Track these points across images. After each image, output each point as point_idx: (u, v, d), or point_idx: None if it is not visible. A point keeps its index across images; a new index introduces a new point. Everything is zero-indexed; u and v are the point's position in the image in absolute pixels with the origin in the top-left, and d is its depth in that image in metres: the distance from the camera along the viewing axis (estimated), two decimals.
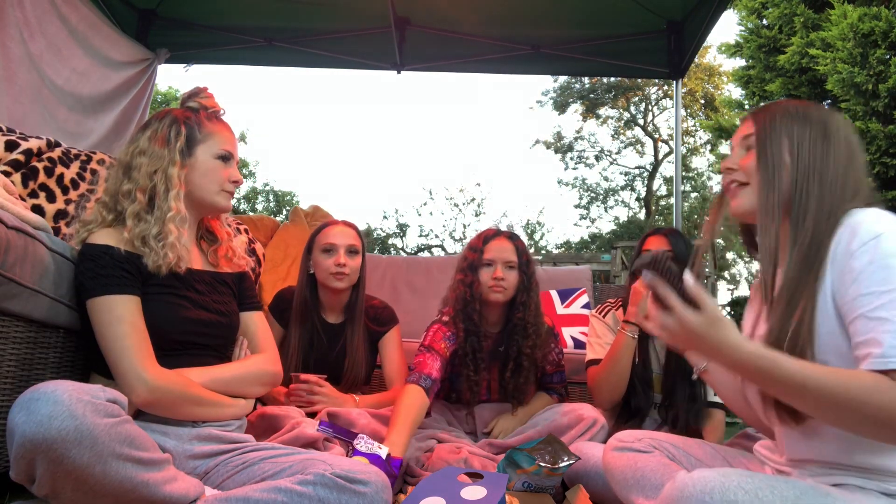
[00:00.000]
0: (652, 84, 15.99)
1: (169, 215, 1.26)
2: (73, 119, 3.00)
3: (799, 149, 1.05)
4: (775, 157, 1.06)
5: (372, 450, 1.41)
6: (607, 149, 17.75)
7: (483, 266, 1.88)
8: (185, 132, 1.32)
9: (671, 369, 1.89)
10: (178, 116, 1.35)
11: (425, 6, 3.46)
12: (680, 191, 3.84)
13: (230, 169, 1.38)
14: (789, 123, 1.07)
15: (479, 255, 1.89)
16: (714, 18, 3.21)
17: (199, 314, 1.31)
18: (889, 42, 4.14)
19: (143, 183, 1.28)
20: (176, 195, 1.28)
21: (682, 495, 0.87)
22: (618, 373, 1.85)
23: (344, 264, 1.90)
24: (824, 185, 1.02)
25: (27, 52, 2.70)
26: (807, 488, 0.88)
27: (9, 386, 1.17)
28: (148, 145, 1.30)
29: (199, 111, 1.39)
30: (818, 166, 1.03)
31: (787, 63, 5.11)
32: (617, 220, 17.49)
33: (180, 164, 1.30)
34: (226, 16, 3.62)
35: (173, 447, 1.18)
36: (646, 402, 1.91)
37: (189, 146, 1.32)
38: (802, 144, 1.05)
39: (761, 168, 1.07)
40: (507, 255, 1.88)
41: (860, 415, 0.85)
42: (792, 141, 1.06)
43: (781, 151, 1.06)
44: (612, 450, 1.26)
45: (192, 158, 1.32)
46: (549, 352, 1.99)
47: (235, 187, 1.39)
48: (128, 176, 1.30)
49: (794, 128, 1.06)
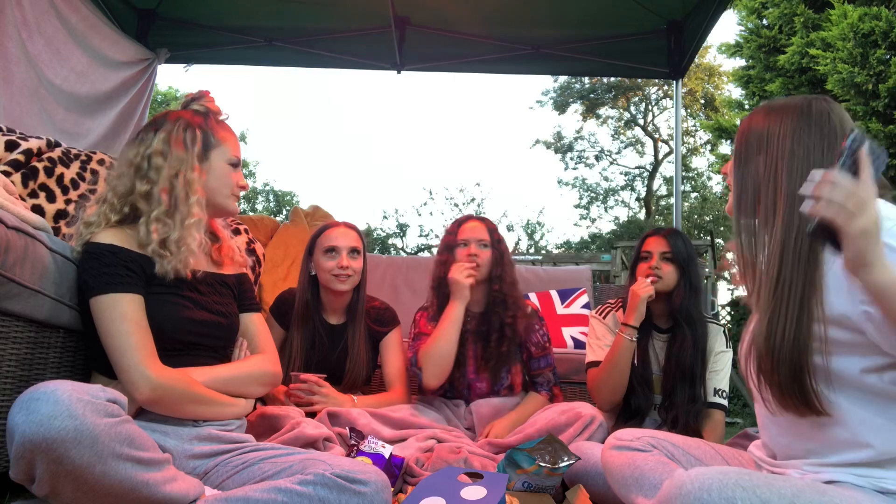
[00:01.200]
0: (652, 84, 15.98)
1: (191, 221, 1.27)
2: (70, 119, 2.99)
3: (767, 142, 1.04)
4: (748, 155, 1.07)
5: (375, 450, 1.41)
6: (607, 149, 17.75)
7: (459, 246, 1.99)
8: (201, 137, 1.33)
9: (671, 370, 1.89)
10: (190, 121, 1.34)
11: (425, 6, 3.46)
12: (680, 191, 3.84)
13: (238, 174, 1.40)
14: (764, 118, 1.07)
15: (453, 237, 2.01)
16: (714, 18, 3.21)
17: (200, 315, 1.31)
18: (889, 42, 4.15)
19: (164, 185, 1.27)
20: (198, 201, 1.29)
21: (681, 493, 0.87)
22: (617, 375, 1.86)
23: (347, 266, 1.91)
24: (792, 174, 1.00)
25: (25, 51, 2.70)
26: (804, 486, 0.88)
27: (9, 386, 1.17)
28: (164, 147, 1.30)
29: (208, 115, 1.39)
30: (786, 154, 1.02)
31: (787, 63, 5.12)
32: (617, 220, 17.49)
33: (199, 169, 1.30)
34: (226, 16, 3.62)
35: (173, 447, 1.18)
36: (646, 402, 1.91)
37: (205, 151, 1.33)
38: (771, 138, 1.04)
39: (735, 167, 1.09)
40: (480, 233, 1.99)
41: None
42: (763, 135, 1.06)
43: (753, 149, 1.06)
44: (611, 448, 1.26)
45: (208, 163, 1.33)
46: (533, 331, 2.03)
47: (242, 192, 1.42)
48: (142, 178, 1.28)
49: (767, 121, 1.06)
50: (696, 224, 15.20)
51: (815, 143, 1.01)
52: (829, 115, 1.02)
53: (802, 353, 0.94)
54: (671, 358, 1.89)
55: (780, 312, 0.96)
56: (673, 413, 1.86)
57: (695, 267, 1.90)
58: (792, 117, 1.04)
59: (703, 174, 16.58)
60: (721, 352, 1.94)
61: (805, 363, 0.94)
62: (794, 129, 1.03)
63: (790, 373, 0.95)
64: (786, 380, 0.95)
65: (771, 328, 0.97)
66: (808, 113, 1.03)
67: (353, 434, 1.51)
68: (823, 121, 1.02)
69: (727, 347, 1.95)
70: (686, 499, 0.86)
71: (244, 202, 17.42)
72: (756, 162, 1.06)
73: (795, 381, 0.95)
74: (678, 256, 1.89)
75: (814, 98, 1.06)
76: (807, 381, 0.94)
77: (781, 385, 0.96)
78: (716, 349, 1.94)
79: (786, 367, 0.95)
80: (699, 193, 16.39)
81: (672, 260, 1.90)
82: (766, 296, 0.99)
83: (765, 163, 1.04)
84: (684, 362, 1.86)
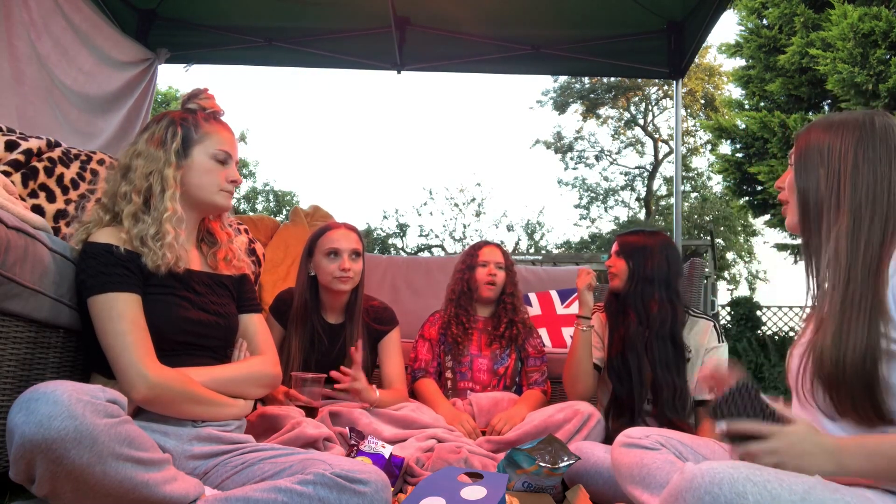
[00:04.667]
0: (652, 84, 15.99)
1: (165, 216, 1.27)
2: (84, 119, 3.00)
3: (829, 156, 1.05)
4: (809, 170, 1.07)
5: (375, 450, 1.41)
6: (607, 149, 17.77)
7: (479, 266, 2.28)
8: (182, 133, 1.33)
9: (654, 362, 1.87)
10: (174, 118, 1.35)
11: (425, 6, 3.46)
12: (680, 191, 3.83)
13: (228, 169, 1.38)
14: (824, 133, 1.07)
15: (474, 258, 2.30)
16: (714, 18, 3.21)
17: (197, 315, 1.31)
18: (889, 42, 4.15)
19: (138, 184, 1.28)
20: (172, 195, 1.28)
21: (692, 486, 0.87)
22: (576, 366, 1.93)
23: (349, 269, 1.93)
24: (857, 187, 1.01)
25: (35, 52, 2.70)
26: (815, 483, 0.88)
27: (9, 386, 1.17)
28: (144, 147, 1.31)
29: (196, 112, 1.39)
30: (849, 169, 1.02)
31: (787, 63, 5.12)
32: (617, 220, 17.50)
33: (175, 165, 1.30)
34: (226, 16, 3.62)
35: (173, 447, 1.18)
36: (638, 396, 1.89)
37: (185, 147, 1.33)
38: (833, 152, 1.05)
39: (796, 182, 1.09)
40: (497, 257, 2.31)
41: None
42: (823, 149, 1.06)
43: (815, 163, 1.06)
44: (621, 446, 1.28)
45: (189, 159, 1.33)
46: (532, 335, 2.30)
47: (234, 187, 1.40)
48: (125, 178, 1.30)
49: (827, 135, 1.07)
50: (696, 224, 15.21)
51: (880, 156, 1.02)
52: (893, 129, 1.04)
53: (874, 365, 0.95)
54: (654, 350, 1.87)
55: (850, 325, 0.97)
56: (659, 406, 1.85)
57: (642, 259, 1.93)
58: (854, 132, 1.05)
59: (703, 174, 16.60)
60: (713, 348, 1.92)
61: (875, 374, 0.95)
62: (857, 142, 1.04)
63: (862, 384, 0.95)
64: (858, 391, 0.96)
65: (840, 340, 0.97)
66: (872, 128, 1.05)
67: (353, 434, 1.51)
68: (889, 135, 1.04)
69: (720, 342, 1.94)
70: (696, 492, 0.86)
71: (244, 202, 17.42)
72: (818, 176, 1.06)
73: (867, 391, 0.95)
74: (625, 250, 1.97)
75: (875, 113, 1.07)
76: (878, 392, 0.95)
77: (853, 395, 0.97)
78: (706, 345, 1.92)
79: (858, 378, 0.95)
80: (699, 193, 16.40)
81: (619, 253, 1.99)
82: (833, 309, 1.00)
83: (826, 178, 1.05)
84: (667, 354, 1.85)
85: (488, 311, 2.31)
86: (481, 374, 2.20)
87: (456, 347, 2.21)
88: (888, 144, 1.02)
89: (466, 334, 2.23)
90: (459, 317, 2.23)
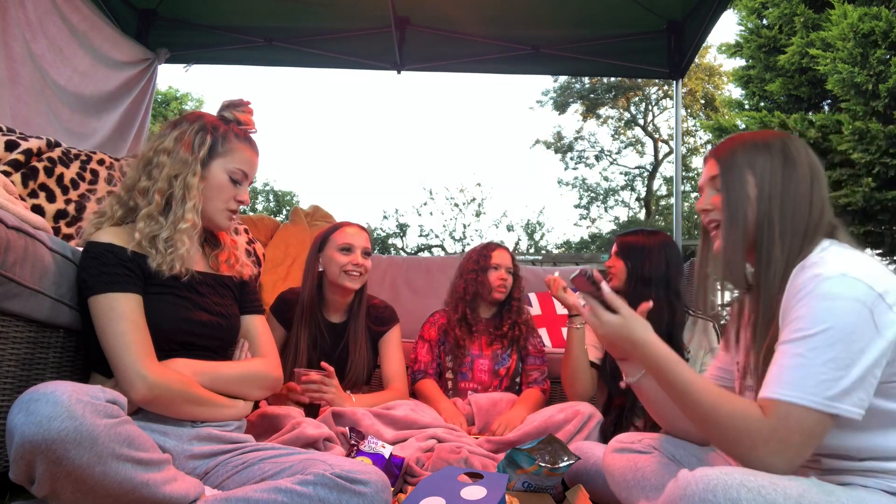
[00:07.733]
0: (652, 84, 15.99)
1: (183, 226, 1.26)
2: (76, 119, 2.99)
3: (761, 180, 1.08)
4: (739, 192, 1.09)
5: (375, 450, 1.41)
6: (607, 149, 17.77)
7: (491, 269, 2.28)
8: (210, 142, 1.31)
9: None
10: (207, 124, 1.33)
11: (425, 6, 3.46)
12: (680, 191, 3.83)
13: (239, 189, 1.37)
14: (751, 156, 1.10)
15: (487, 260, 2.30)
16: (714, 18, 3.21)
17: (199, 315, 1.31)
18: (889, 42, 4.15)
19: (162, 185, 1.27)
20: (193, 207, 1.27)
21: (686, 493, 0.87)
22: (572, 365, 1.95)
23: (361, 264, 1.96)
24: (785, 212, 1.06)
25: (29, 52, 2.70)
26: (810, 485, 0.88)
27: (9, 386, 1.17)
28: (173, 146, 1.29)
29: (230, 123, 1.38)
30: (781, 193, 1.06)
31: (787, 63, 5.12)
32: (617, 220, 17.51)
33: (200, 175, 1.29)
34: (226, 16, 3.61)
35: (173, 447, 1.18)
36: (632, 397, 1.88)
37: (209, 157, 1.32)
38: (764, 176, 1.08)
39: (725, 206, 1.11)
40: (508, 262, 2.32)
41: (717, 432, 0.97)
42: (755, 173, 1.09)
43: (745, 186, 1.09)
44: (612, 451, 1.27)
45: (207, 170, 1.32)
46: (534, 335, 2.33)
47: (239, 207, 1.39)
48: (147, 173, 1.28)
49: (756, 159, 1.10)
50: (696, 224, 15.18)
51: (800, 177, 1.08)
52: (809, 151, 1.11)
53: None
54: None
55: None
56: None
57: (640, 259, 1.94)
58: (777, 155, 1.10)
59: None
60: (714, 349, 1.92)
61: None
62: (783, 164, 1.09)
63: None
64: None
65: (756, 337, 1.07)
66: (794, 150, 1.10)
67: (353, 434, 1.51)
68: (808, 154, 1.11)
69: (719, 343, 1.93)
70: (691, 500, 0.86)
71: None
72: (749, 196, 1.10)
73: None
74: (623, 250, 2.00)
75: (788, 136, 1.13)
76: None
77: None
78: (706, 345, 1.92)
79: None
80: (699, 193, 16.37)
81: (618, 254, 2.01)
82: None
83: (758, 199, 1.09)
84: None
85: (490, 311, 2.33)
86: (482, 375, 2.20)
87: (457, 348, 2.22)
88: (812, 167, 1.08)
89: (471, 335, 2.24)
90: (466, 317, 2.25)
